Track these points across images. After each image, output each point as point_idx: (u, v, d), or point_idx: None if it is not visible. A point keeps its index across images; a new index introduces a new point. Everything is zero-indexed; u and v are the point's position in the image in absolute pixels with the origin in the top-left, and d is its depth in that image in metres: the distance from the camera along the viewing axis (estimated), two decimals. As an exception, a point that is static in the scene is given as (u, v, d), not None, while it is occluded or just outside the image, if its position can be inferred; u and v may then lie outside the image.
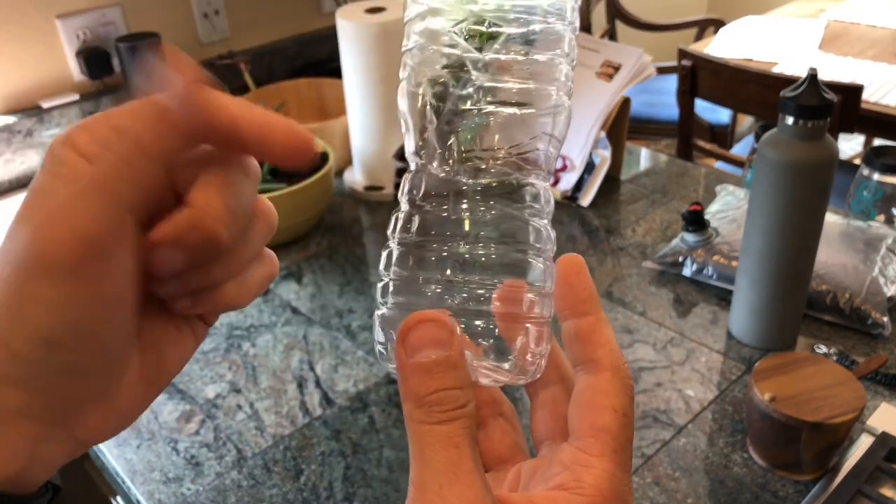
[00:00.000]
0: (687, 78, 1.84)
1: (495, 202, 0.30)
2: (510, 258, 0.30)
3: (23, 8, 1.29)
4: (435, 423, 0.25)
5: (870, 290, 0.90)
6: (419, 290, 0.30)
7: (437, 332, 0.26)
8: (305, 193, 1.09)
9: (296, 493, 0.75)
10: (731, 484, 0.73)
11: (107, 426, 0.27)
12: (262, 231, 0.29)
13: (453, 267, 0.29)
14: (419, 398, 0.26)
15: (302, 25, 1.66)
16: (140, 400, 0.28)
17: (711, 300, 0.98)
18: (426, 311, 0.27)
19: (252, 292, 0.29)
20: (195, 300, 0.28)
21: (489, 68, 0.29)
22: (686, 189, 1.26)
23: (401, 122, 0.32)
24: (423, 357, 0.26)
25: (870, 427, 0.76)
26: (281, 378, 0.89)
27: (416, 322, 0.26)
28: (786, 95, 0.77)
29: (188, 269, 0.26)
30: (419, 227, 0.30)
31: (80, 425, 0.26)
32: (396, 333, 0.27)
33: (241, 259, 0.28)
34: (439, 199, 0.30)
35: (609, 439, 0.27)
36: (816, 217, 0.80)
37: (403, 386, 0.26)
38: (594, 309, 0.30)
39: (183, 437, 0.82)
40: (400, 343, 0.26)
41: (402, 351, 0.26)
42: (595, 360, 0.29)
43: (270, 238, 0.30)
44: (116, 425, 0.27)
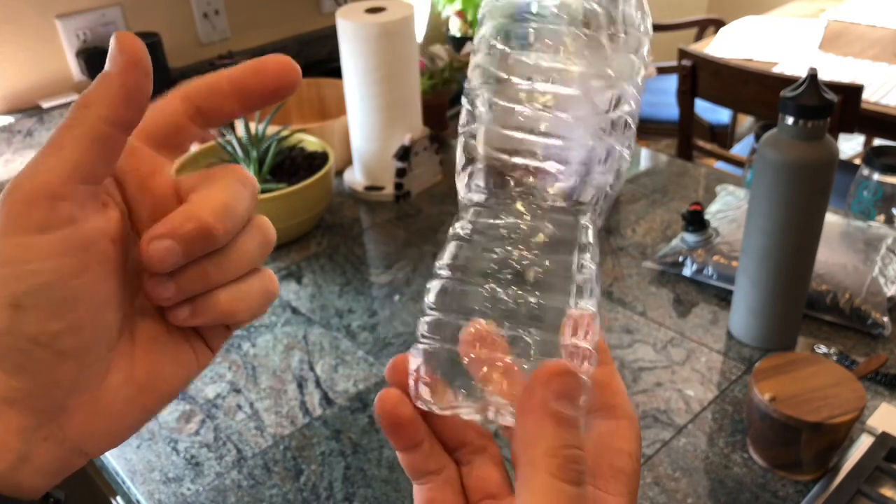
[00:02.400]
0: (687, 78, 1.84)
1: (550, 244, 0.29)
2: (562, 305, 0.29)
3: (23, 8, 1.29)
4: (567, 481, 0.25)
5: (870, 290, 0.90)
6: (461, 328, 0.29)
7: (578, 387, 0.26)
8: (305, 193, 1.09)
9: (296, 493, 0.75)
10: (731, 484, 0.73)
11: (96, 427, 0.27)
12: (259, 242, 0.29)
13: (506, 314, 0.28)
14: (554, 449, 0.25)
15: (302, 25, 1.66)
16: (128, 404, 0.27)
17: (711, 300, 0.98)
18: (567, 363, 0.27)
19: (249, 307, 0.29)
20: (193, 310, 0.28)
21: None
22: (686, 189, 1.26)
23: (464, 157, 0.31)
24: (565, 408, 0.26)
25: (870, 427, 0.76)
26: (281, 378, 0.89)
27: (566, 370, 0.26)
28: (786, 95, 0.77)
29: (184, 269, 0.27)
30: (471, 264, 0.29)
31: (65, 420, 0.26)
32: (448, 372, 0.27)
33: (236, 264, 0.28)
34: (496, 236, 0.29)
35: (627, 481, 0.29)
36: (816, 217, 0.80)
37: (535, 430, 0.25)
38: (608, 359, 0.31)
39: (183, 437, 0.82)
40: (541, 385, 0.26)
41: (543, 393, 0.26)
42: (613, 406, 0.31)
43: (268, 253, 0.30)
44: (106, 429, 0.27)
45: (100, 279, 0.26)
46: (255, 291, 0.29)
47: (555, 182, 0.29)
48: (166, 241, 0.26)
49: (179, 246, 0.26)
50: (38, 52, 1.33)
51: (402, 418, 0.30)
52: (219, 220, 0.26)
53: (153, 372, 0.28)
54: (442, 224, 1.20)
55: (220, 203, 0.27)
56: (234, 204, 0.27)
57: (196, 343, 0.30)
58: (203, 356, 0.30)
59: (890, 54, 1.95)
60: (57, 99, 1.35)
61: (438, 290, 0.30)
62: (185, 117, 0.28)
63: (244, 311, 0.29)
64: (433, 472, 0.31)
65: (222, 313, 0.28)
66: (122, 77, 0.25)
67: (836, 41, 2.05)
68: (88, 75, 1.37)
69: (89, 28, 1.37)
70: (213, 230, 0.26)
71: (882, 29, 2.13)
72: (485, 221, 0.30)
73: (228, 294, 0.28)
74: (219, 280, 0.28)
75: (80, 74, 1.38)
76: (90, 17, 1.37)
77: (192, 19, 1.50)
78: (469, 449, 0.32)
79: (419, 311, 1.02)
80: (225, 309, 0.28)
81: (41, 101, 1.34)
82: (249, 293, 0.29)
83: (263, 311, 0.30)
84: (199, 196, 0.27)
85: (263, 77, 0.27)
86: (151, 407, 0.28)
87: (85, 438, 0.26)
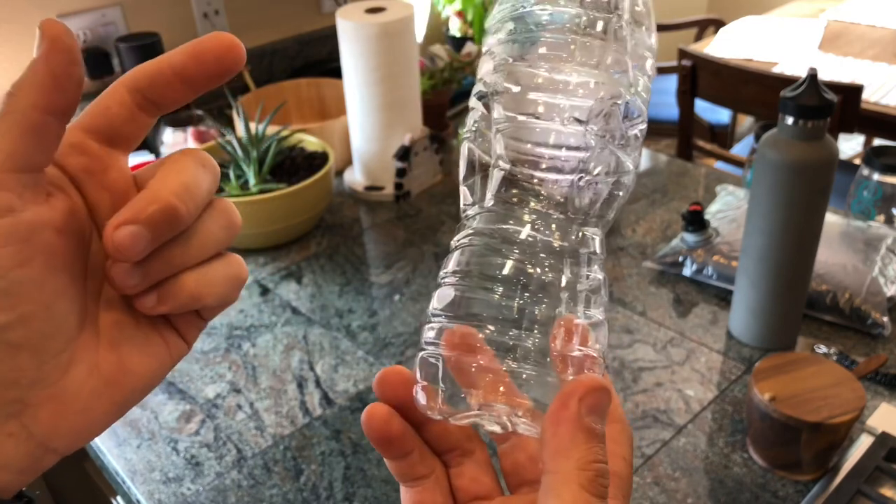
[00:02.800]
0: (687, 78, 1.84)
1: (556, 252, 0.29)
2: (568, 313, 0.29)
3: (23, 8, 1.29)
4: (596, 495, 0.25)
5: (870, 290, 0.90)
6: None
7: (608, 403, 0.27)
8: (305, 193, 1.09)
9: (296, 493, 0.75)
10: (731, 484, 0.73)
11: (63, 422, 0.26)
12: (222, 224, 0.29)
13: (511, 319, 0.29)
14: (586, 463, 0.26)
15: (302, 25, 1.66)
16: (95, 398, 0.27)
17: (711, 300, 0.98)
18: (600, 378, 0.27)
19: (216, 290, 0.29)
20: (159, 296, 0.27)
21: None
22: (686, 189, 1.26)
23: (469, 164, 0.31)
24: (596, 423, 0.26)
25: (870, 427, 0.76)
26: (281, 378, 0.89)
27: (601, 386, 0.26)
28: (786, 95, 0.77)
29: (149, 254, 0.26)
30: (475, 272, 0.29)
31: (30, 416, 0.25)
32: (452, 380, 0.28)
33: (201, 246, 0.28)
34: (501, 244, 0.29)
35: (622, 484, 0.29)
36: (816, 217, 0.80)
37: (567, 442, 0.26)
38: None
39: (183, 436, 0.82)
40: (575, 398, 0.26)
41: (577, 407, 0.26)
42: None
43: (234, 236, 0.30)
44: (74, 424, 0.26)
45: (47, 270, 0.25)
46: (222, 275, 0.29)
47: (561, 191, 0.29)
48: (131, 226, 0.25)
49: (146, 230, 0.25)
50: (38, 52, 1.33)
51: (392, 434, 0.30)
52: (181, 199, 0.26)
53: (120, 364, 0.28)
54: (442, 224, 1.20)
55: (180, 183, 0.26)
56: (195, 183, 0.27)
57: (168, 334, 0.29)
58: (176, 348, 0.30)
59: (890, 54, 1.95)
60: (57, 99, 1.35)
61: (443, 298, 0.30)
62: (134, 107, 0.27)
63: (212, 295, 0.28)
64: (422, 476, 0.32)
65: (189, 297, 0.28)
66: (47, 61, 0.24)
67: (836, 41, 2.05)
68: (88, 75, 1.37)
69: (89, 28, 1.37)
70: (178, 209, 0.26)
71: (882, 29, 2.13)
72: (490, 229, 0.30)
73: (194, 277, 0.28)
74: (184, 263, 0.27)
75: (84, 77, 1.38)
76: (90, 17, 1.37)
77: (192, 19, 1.50)
78: (458, 452, 0.32)
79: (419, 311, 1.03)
80: (192, 292, 0.28)
81: (41, 101, 1.34)
82: (216, 276, 0.29)
83: (233, 297, 0.30)
84: (158, 179, 0.26)
85: (203, 60, 0.26)
86: (121, 400, 0.28)
87: (52, 434, 0.26)
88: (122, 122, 0.27)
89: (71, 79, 0.25)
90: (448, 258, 0.31)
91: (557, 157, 0.29)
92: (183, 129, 1.34)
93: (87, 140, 0.27)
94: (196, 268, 0.28)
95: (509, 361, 0.28)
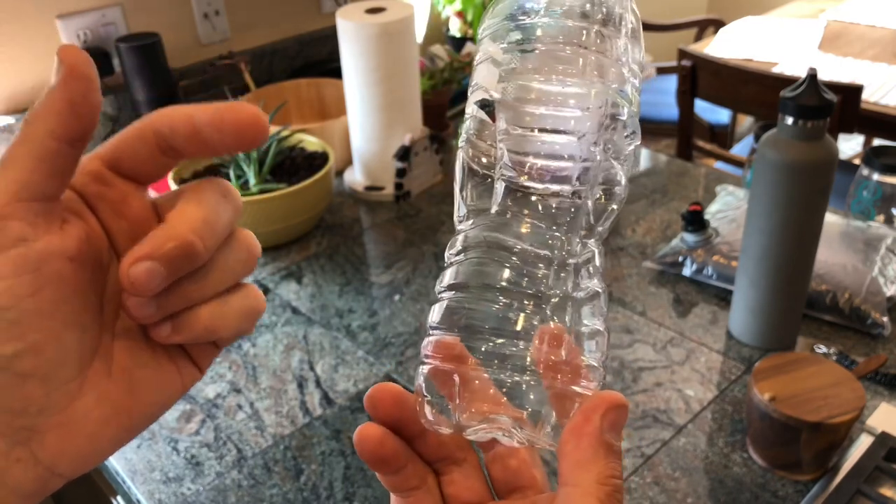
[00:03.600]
0: (687, 78, 1.84)
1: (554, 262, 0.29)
2: (573, 328, 0.29)
3: (23, 8, 1.29)
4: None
5: (869, 290, 0.90)
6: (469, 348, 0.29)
7: (624, 420, 0.27)
8: (305, 193, 1.09)
9: (296, 493, 0.75)
10: (730, 484, 0.73)
11: (69, 447, 0.26)
12: (241, 257, 0.28)
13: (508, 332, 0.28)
14: (605, 478, 0.26)
15: (302, 25, 1.66)
16: (103, 425, 0.27)
17: (711, 300, 0.98)
18: (620, 395, 0.27)
19: (231, 324, 0.28)
20: (174, 326, 0.27)
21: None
22: (686, 189, 1.26)
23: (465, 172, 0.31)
24: (615, 440, 0.27)
25: (869, 427, 0.76)
26: (281, 378, 0.90)
27: (622, 404, 0.27)
28: (786, 95, 0.77)
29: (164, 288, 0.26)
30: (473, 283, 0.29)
31: (37, 442, 0.25)
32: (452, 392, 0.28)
33: (217, 281, 0.28)
34: (500, 254, 0.29)
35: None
36: (816, 217, 0.80)
37: (589, 456, 0.26)
38: None
39: (183, 436, 0.82)
40: (599, 414, 0.27)
41: (599, 423, 0.27)
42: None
43: (252, 268, 0.29)
44: (81, 450, 0.26)
45: (58, 299, 0.25)
46: (238, 308, 0.29)
47: (560, 202, 0.29)
48: (147, 262, 0.25)
49: (162, 267, 0.25)
50: (39, 53, 1.33)
51: (386, 455, 0.31)
52: (199, 236, 0.26)
53: (131, 392, 0.27)
54: (442, 224, 1.20)
55: (200, 218, 0.26)
56: (215, 218, 0.27)
57: (182, 362, 0.29)
58: (189, 376, 0.29)
59: (890, 54, 1.95)
60: (57, 99, 1.35)
61: (439, 311, 0.30)
62: (157, 150, 0.27)
63: (226, 329, 0.28)
64: (415, 487, 0.32)
65: (204, 330, 0.28)
66: (65, 89, 0.24)
67: (835, 41, 2.05)
68: (88, 75, 1.37)
69: (89, 28, 1.37)
70: (195, 247, 0.25)
71: (882, 29, 2.13)
72: (487, 240, 0.30)
73: (210, 311, 0.28)
74: (201, 296, 0.27)
75: (81, 74, 1.38)
76: (90, 17, 1.37)
77: (192, 19, 1.50)
78: (449, 460, 0.32)
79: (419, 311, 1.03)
80: (207, 325, 0.28)
81: (41, 101, 1.34)
82: (231, 310, 0.28)
83: (249, 329, 0.30)
84: (178, 213, 0.26)
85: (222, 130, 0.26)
86: (130, 426, 0.27)
87: (59, 460, 0.26)
88: (142, 160, 0.27)
89: (89, 106, 0.25)
90: (445, 271, 0.31)
91: (560, 169, 0.29)
92: (183, 129, 1.35)
93: (107, 172, 0.27)
94: (212, 300, 0.28)
95: (508, 373, 0.28)
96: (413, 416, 0.30)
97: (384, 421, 0.31)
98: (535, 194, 0.29)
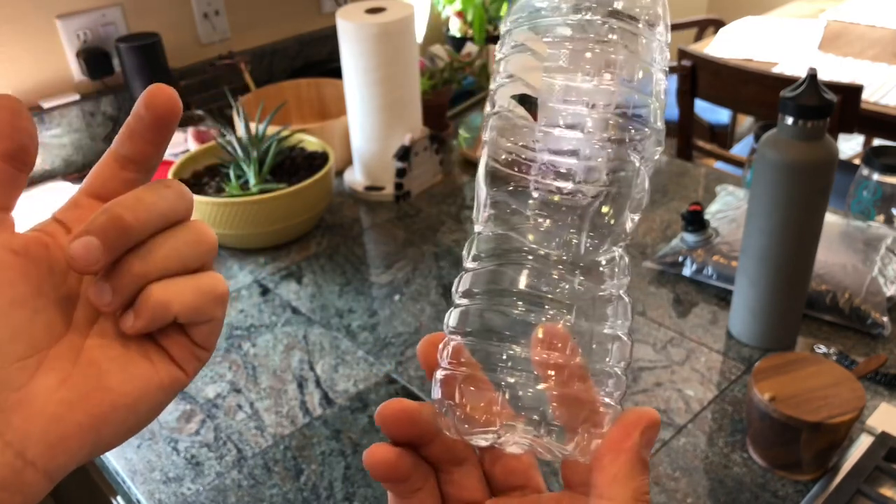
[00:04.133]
0: (687, 78, 1.84)
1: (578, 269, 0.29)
2: (593, 334, 0.29)
3: (23, 8, 1.29)
4: None
5: (869, 290, 0.90)
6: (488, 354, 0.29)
7: (656, 436, 0.28)
8: (305, 193, 1.09)
9: (296, 493, 0.75)
10: (730, 484, 0.73)
11: (34, 428, 0.26)
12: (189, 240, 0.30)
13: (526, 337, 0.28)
14: (640, 493, 0.27)
15: (302, 25, 1.66)
16: (67, 408, 0.27)
17: (711, 300, 0.98)
18: (655, 412, 0.28)
19: (185, 300, 0.30)
20: (134, 311, 0.29)
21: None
22: (686, 189, 1.26)
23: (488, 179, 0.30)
24: (648, 457, 0.28)
25: (869, 427, 0.76)
26: (281, 378, 0.90)
27: (658, 421, 0.28)
28: (786, 95, 0.77)
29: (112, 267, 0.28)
30: (491, 289, 0.29)
31: (1, 421, 0.26)
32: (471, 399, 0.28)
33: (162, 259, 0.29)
34: (516, 256, 0.29)
35: None
36: (816, 217, 0.80)
37: (627, 471, 0.27)
38: None
39: (183, 436, 0.82)
40: (638, 430, 0.27)
41: (638, 439, 0.27)
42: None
43: (206, 255, 0.31)
44: (50, 433, 0.27)
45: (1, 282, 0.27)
46: (191, 286, 0.30)
47: (585, 205, 0.29)
48: (83, 237, 0.27)
49: (96, 238, 0.27)
50: (39, 53, 1.33)
51: (399, 475, 0.30)
52: (130, 209, 0.28)
53: (98, 380, 0.28)
54: (442, 224, 1.20)
55: (132, 196, 0.29)
56: (150, 199, 0.29)
57: (156, 357, 0.30)
58: (167, 373, 0.30)
59: (890, 54, 1.95)
60: (57, 99, 1.35)
61: (457, 317, 0.30)
62: (120, 170, 0.31)
63: (181, 304, 0.29)
64: (417, 489, 0.32)
65: (157, 304, 0.29)
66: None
67: (835, 41, 2.05)
68: (89, 75, 1.37)
69: (89, 28, 1.37)
70: (123, 218, 0.28)
71: (882, 29, 2.13)
72: (507, 242, 0.29)
73: (161, 286, 0.29)
74: (146, 274, 0.29)
75: (81, 74, 1.38)
76: (90, 17, 1.37)
77: (192, 19, 1.50)
78: (452, 461, 0.32)
79: (419, 310, 1.03)
80: (159, 299, 0.29)
81: (41, 101, 1.34)
82: (184, 287, 0.30)
83: (210, 310, 0.31)
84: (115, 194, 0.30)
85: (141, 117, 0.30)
86: (98, 414, 0.28)
87: (26, 441, 0.26)
88: (115, 185, 0.31)
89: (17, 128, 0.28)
90: (462, 275, 0.30)
91: (587, 169, 0.28)
92: (183, 130, 1.35)
93: (83, 198, 0.31)
94: (163, 280, 0.29)
95: (525, 379, 0.28)
96: (422, 427, 0.30)
97: (396, 437, 0.31)
98: (558, 195, 0.28)
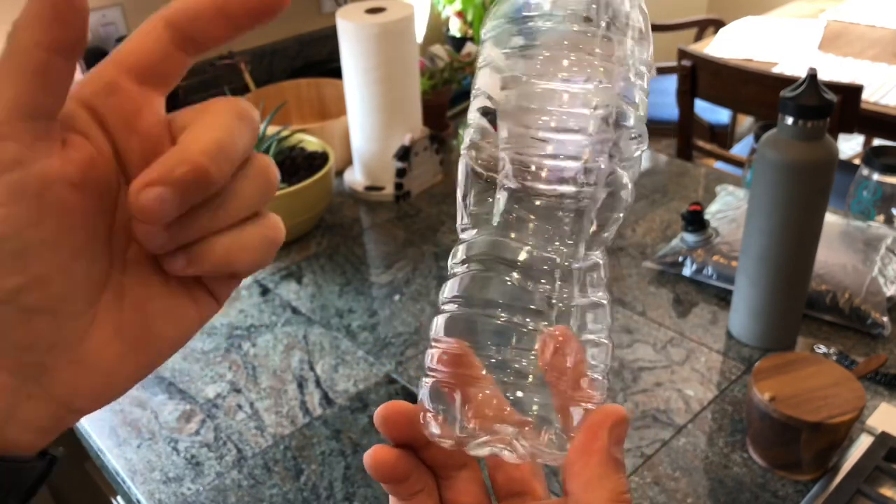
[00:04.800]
0: (687, 78, 1.84)
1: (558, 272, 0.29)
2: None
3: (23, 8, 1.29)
4: None
5: (869, 290, 0.90)
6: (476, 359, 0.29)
7: (626, 432, 0.28)
8: (305, 193, 1.09)
9: (296, 493, 0.75)
10: (730, 484, 0.73)
11: (83, 383, 0.25)
12: (259, 185, 0.26)
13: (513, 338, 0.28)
14: (617, 494, 0.26)
15: (302, 25, 1.66)
16: (119, 360, 0.25)
17: (711, 300, 0.98)
18: (623, 409, 0.27)
19: (248, 256, 0.27)
20: (188, 258, 0.25)
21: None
22: (686, 189, 1.26)
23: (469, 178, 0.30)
24: (620, 455, 0.27)
25: (869, 427, 0.76)
26: (281, 378, 0.90)
27: (625, 417, 0.27)
28: (786, 95, 0.77)
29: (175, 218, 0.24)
30: (476, 294, 0.29)
31: (49, 379, 0.24)
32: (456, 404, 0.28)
33: (233, 210, 0.26)
34: (500, 262, 0.29)
35: None
36: (816, 217, 0.80)
37: (599, 473, 0.26)
38: None
39: (183, 436, 0.82)
40: (605, 429, 0.27)
41: (607, 438, 0.27)
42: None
43: (271, 196, 0.27)
44: (96, 386, 0.25)
45: (63, 229, 0.23)
46: (255, 239, 0.27)
47: (564, 208, 0.29)
48: (158, 188, 0.23)
49: (173, 193, 0.23)
50: (39, 52, 1.33)
51: (399, 476, 0.30)
52: (214, 161, 0.23)
53: (146, 328, 0.26)
54: (442, 224, 1.20)
55: (214, 141, 0.24)
56: (230, 141, 0.24)
57: (199, 294, 0.27)
58: (206, 308, 0.28)
59: (890, 54, 1.95)
60: (57, 99, 1.35)
61: (441, 323, 0.30)
62: (171, 45, 0.24)
63: (243, 261, 0.27)
64: (416, 492, 0.32)
65: (220, 262, 0.26)
66: None
67: (835, 41, 2.05)
68: (88, 75, 1.37)
69: (89, 28, 1.37)
70: (209, 173, 0.23)
71: (882, 29, 2.13)
72: (489, 249, 0.29)
73: (226, 242, 0.26)
74: (214, 226, 0.25)
75: (81, 74, 1.38)
76: (90, 17, 1.36)
77: (192, 19, 1.50)
78: (453, 465, 0.32)
79: (419, 310, 1.03)
80: (222, 257, 0.26)
81: (41, 101, 1.34)
82: (248, 241, 0.26)
83: (267, 261, 0.28)
84: (191, 135, 0.24)
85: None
86: (147, 363, 0.26)
87: (74, 395, 0.25)
88: (158, 59, 0.25)
89: (74, 9, 0.22)
90: (447, 281, 0.30)
91: (563, 168, 0.28)
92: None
93: (120, 77, 0.24)
94: (228, 231, 0.26)
95: (512, 383, 0.28)
96: (420, 429, 0.30)
97: (395, 439, 0.31)
98: (537, 198, 0.28)
